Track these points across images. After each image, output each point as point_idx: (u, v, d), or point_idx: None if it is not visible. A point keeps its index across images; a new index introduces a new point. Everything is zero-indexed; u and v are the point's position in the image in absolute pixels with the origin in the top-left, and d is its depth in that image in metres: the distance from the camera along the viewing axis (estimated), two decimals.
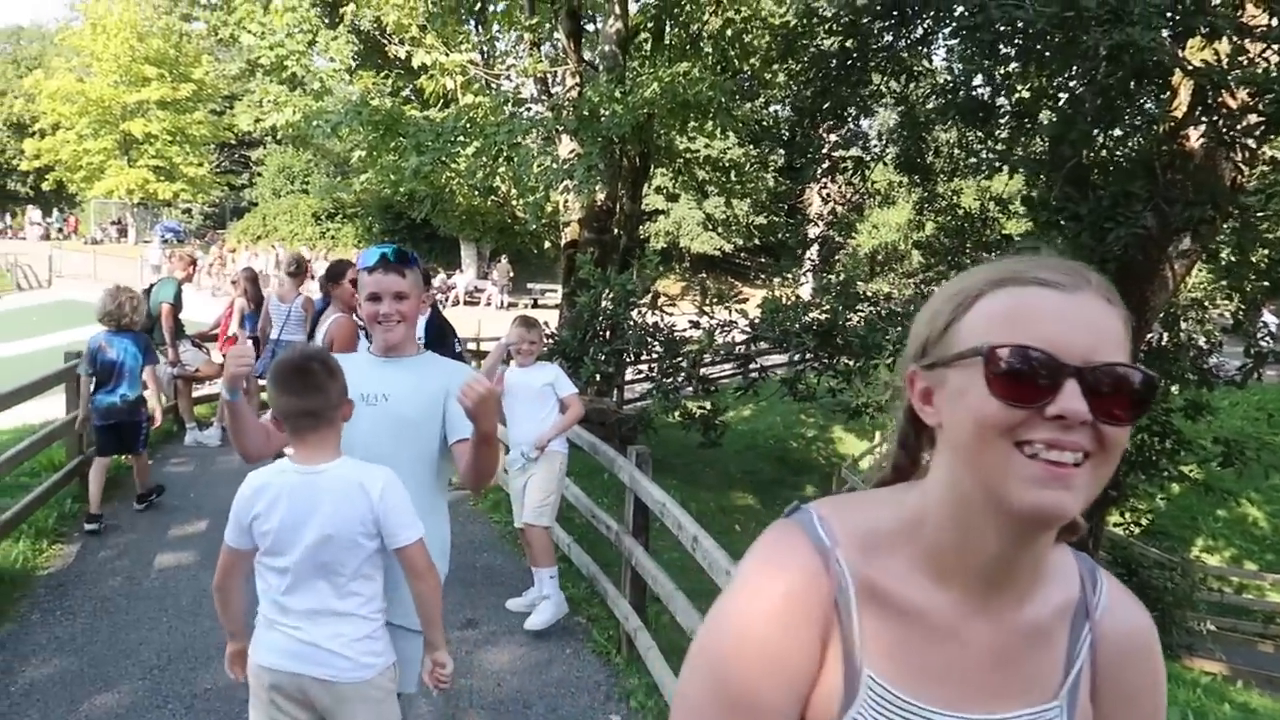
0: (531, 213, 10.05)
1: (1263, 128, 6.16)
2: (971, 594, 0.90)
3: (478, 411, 2.27)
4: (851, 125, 11.20)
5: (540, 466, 5.38)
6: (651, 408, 9.53)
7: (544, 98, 12.35)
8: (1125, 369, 0.82)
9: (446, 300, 27.09)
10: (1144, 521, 12.24)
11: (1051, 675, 0.93)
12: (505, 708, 4.46)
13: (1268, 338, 11.45)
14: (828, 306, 9.02)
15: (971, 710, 0.90)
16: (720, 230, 32.46)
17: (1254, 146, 7.06)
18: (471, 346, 14.57)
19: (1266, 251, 10.81)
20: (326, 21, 12.85)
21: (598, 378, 10.24)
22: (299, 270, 8.53)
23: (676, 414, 9.60)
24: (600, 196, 11.33)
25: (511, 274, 31.56)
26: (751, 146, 13.85)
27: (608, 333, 10.02)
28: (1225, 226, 7.95)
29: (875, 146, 11.20)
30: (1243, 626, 13.19)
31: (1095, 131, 6.44)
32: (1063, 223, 6.38)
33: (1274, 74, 5.73)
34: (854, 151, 10.96)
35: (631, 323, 9.45)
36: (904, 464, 1.01)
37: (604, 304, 9.35)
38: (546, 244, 17.14)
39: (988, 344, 0.83)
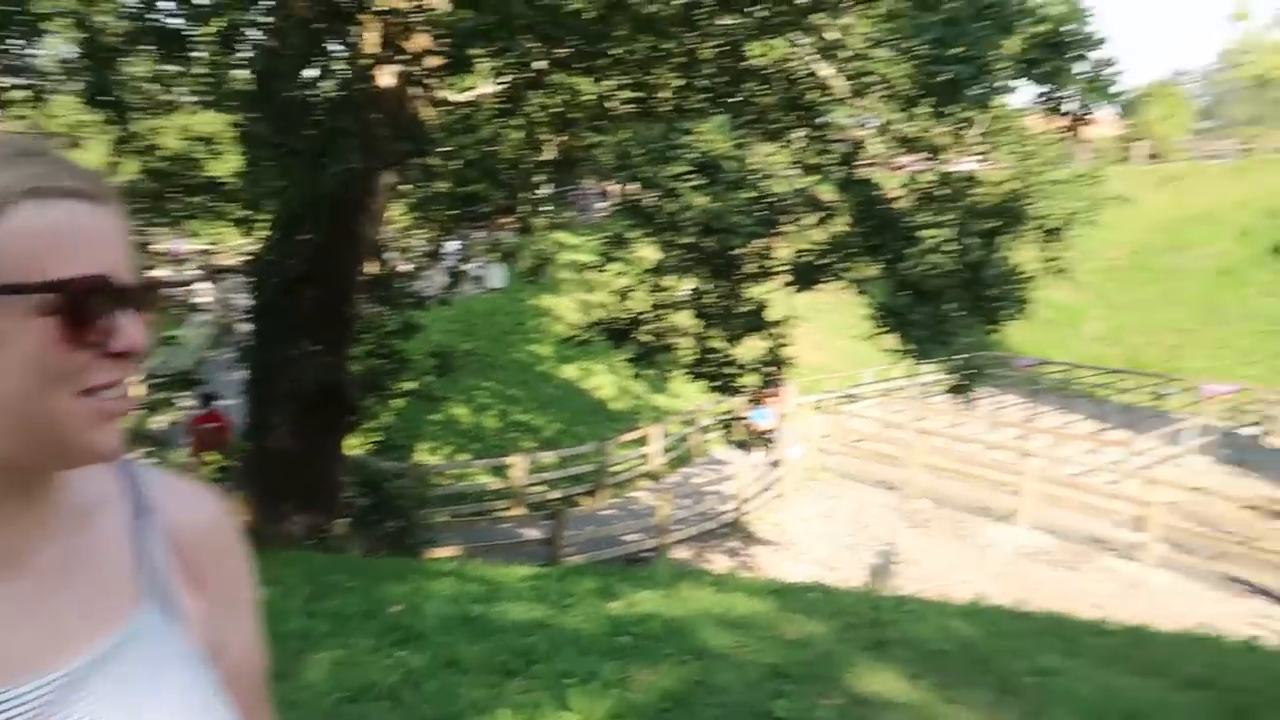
0: None
1: (444, 70, 6.84)
2: None
3: None
4: (13, 50, 9.30)
5: None
6: None
7: None
8: (155, 280, 0.78)
9: None
10: (378, 439, 13.25)
11: (128, 590, 0.80)
12: None
13: (458, 259, 13.24)
14: None
15: (47, 667, 0.72)
16: None
17: (433, 87, 7.82)
18: None
19: (448, 185, 12.35)
20: None
21: None
22: None
23: None
24: None
25: None
26: None
27: None
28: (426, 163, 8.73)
29: (49, 77, 9.51)
30: (462, 510, 15.29)
31: (302, 68, 6.44)
32: (281, 159, 6.28)
33: (452, 18, 6.37)
34: (24, 81, 9.17)
35: None
36: None
37: None
38: None
39: (42, 280, 0.68)
